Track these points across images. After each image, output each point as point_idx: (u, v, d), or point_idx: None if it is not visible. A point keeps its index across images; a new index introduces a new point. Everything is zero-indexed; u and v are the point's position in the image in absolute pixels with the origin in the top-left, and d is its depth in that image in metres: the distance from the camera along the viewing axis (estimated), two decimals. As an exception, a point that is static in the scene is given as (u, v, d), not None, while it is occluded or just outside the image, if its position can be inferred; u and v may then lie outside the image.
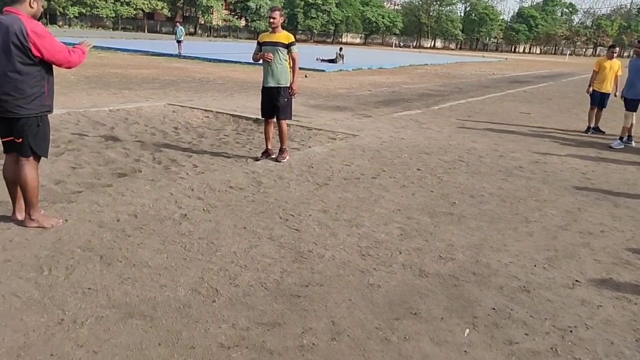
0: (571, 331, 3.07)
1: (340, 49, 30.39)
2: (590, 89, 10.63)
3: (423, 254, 4.02)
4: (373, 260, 3.86)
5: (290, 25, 76.41)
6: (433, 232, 4.51)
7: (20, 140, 3.87)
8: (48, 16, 62.56)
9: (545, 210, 5.30)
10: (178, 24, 27.38)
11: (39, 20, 3.92)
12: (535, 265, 3.95)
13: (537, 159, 7.68)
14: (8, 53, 3.67)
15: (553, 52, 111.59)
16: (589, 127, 10.57)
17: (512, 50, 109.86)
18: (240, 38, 77.66)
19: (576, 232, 4.73)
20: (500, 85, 21.70)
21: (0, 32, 3.70)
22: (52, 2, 60.68)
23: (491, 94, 17.54)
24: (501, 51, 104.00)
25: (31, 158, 3.95)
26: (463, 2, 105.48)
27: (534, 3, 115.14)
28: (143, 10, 71.93)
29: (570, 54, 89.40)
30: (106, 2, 67.02)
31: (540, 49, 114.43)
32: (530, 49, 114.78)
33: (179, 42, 25.38)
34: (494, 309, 3.26)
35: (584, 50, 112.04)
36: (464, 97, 15.91)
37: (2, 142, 4.02)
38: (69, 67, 3.92)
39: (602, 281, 3.75)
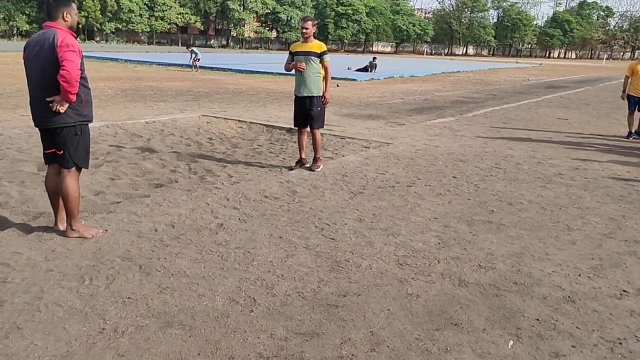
0: (620, 343, 2.95)
1: (374, 58, 30.34)
2: (624, 95, 10.37)
3: (462, 263, 3.94)
4: (411, 270, 3.79)
5: (321, 35, 76.72)
6: (471, 240, 4.42)
7: (62, 152, 3.97)
8: (86, 32, 64.45)
9: (588, 218, 5.14)
10: (194, 48, 27.75)
11: (77, 35, 4.01)
12: (579, 275, 3.82)
13: (577, 166, 7.48)
14: (45, 66, 3.79)
15: (589, 56, 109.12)
16: (630, 133, 10.26)
17: (547, 55, 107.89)
18: (272, 49, 78.42)
19: (621, 241, 4.56)
20: (535, 91, 21.30)
21: (38, 46, 3.83)
22: (90, 19, 62.50)
23: (526, 100, 17.22)
24: (535, 57, 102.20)
25: (73, 169, 4.04)
26: (495, 8, 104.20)
27: (569, 7, 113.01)
28: (177, 25, 73.41)
29: (607, 58, 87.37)
30: (141, 17, 68.64)
31: (576, 54, 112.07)
32: (565, 54, 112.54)
33: (198, 59, 25.57)
34: (538, 319, 3.16)
35: (622, 54, 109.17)
36: (499, 104, 15.66)
37: (45, 154, 4.13)
38: (64, 80, 3.69)
39: (652, 291, 3.60)
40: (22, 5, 62.65)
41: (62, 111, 3.83)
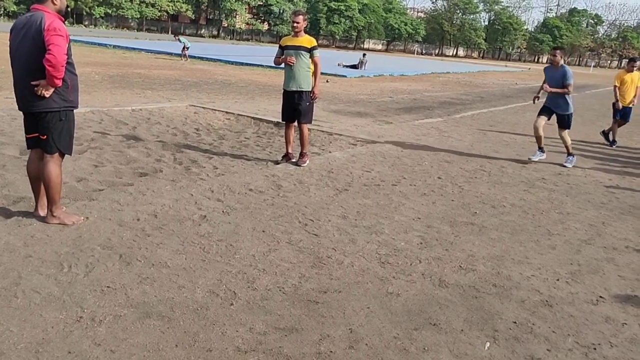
0: (595, 348, 2.99)
1: (364, 55, 30.36)
2: (619, 104, 10.50)
3: (443, 264, 3.96)
4: (392, 269, 3.81)
5: (313, 30, 76.57)
6: (453, 241, 4.45)
7: (45, 136, 3.91)
8: (74, 16, 63.59)
9: (569, 224, 5.20)
10: (181, 37, 27.53)
11: (65, 18, 3.95)
12: (558, 280, 3.86)
13: (560, 171, 7.56)
14: (31, 50, 3.74)
15: (577, 63, 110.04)
16: (613, 140, 10.39)
17: (536, 60, 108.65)
18: (263, 42, 78.08)
19: (600, 247, 4.63)
20: (523, 95, 21.47)
21: (25, 29, 3.76)
22: (78, 2, 61.64)
23: (514, 103, 17.36)
24: (524, 61, 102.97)
25: (56, 155, 3.99)
26: (487, 11, 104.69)
27: (559, 14, 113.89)
28: (168, 12, 72.68)
29: (594, 66, 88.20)
30: (132, 3, 67.86)
31: (564, 60, 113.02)
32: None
33: (187, 48, 25.19)
34: (515, 322, 3.19)
35: (609, 62, 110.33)
36: (486, 107, 15.77)
37: (27, 138, 4.07)
38: (50, 65, 3.62)
39: (627, 298, 3.66)
40: (10, -14, 61.58)
41: (47, 96, 3.78)
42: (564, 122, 7.96)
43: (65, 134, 4.00)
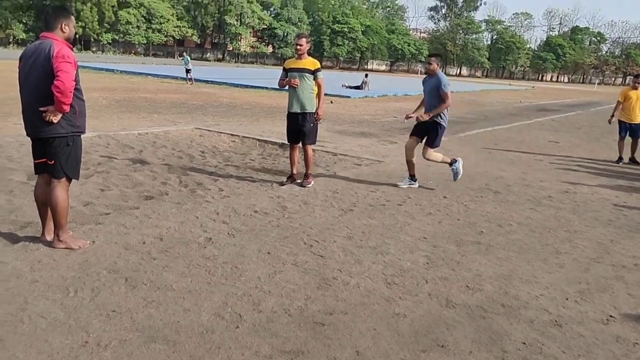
0: (606, 369, 2.94)
1: (366, 75, 30.59)
2: (613, 119, 10.50)
3: (450, 284, 3.94)
4: (399, 289, 3.79)
5: (317, 52, 77.40)
6: (460, 261, 4.43)
7: (53, 161, 3.95)
8: (82, 42, 64.56)
9: (576, 242, 5.16)
10: (184, 53, 27.71)
11: (73, 45, 4.02)
12: (566, 299, 3.82)
13: (566, 189, 7.53)
14: (40, 76, 3.80)
15: (581, 81, 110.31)
16: (619, 158, 10.36)
17: (540, 78, 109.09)
18: (267, 64, 78.88)
19: (609, 265, 4.58)
20: (527, 113, 21.51)
21: (34, 56, 3.83)
22: (87, 29, 62.68)
23: (518, 122, 17.38)
24: (528, 79, 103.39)
25: (63, 180, 4.02)
26: (489, 30, 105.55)
27: (562, 32, 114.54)
28: (173, 37, 73.80)
29: (599, 83, 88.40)
30: (138, 29, 69.00)
31: (568, 78, 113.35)
32: (557, 77, 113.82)
33: (187, 71, 25.32)
34: (524, 343, 3.16)
35: (613, 79, 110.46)
36: (491, 125, 15.79)
37: (35, 163, 4.11)
38: (58, 91, 3.69)
39: (638, 317, 3.61)
40: (19, 14, 62.81)
41: (55, 121, 3.83)
42: (432, 138, 6.94)
43: (73, 159, 4.04)
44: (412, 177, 7.14)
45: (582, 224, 5.82)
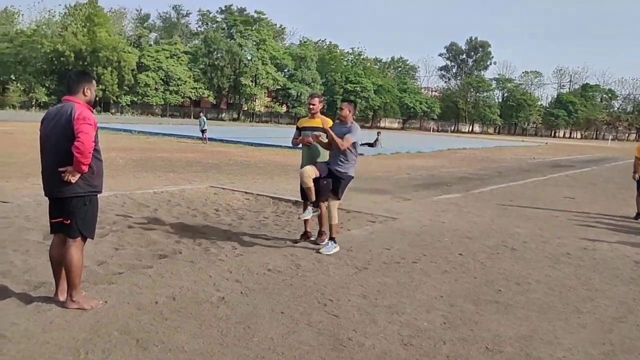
0: None
1: (378, 133, 30.99)
2: (637, 176, 10.42)
3: (469, 345, 3.82)
4: (416, 351, 3.68)
5: (330, 111, 78.51)
6: (478, 321, 4.31)
7: (69, 221, 4.00)
8: (102, 104, 66.53)
9: (598, 301, 5.02)
10: (201, 114, 28.49)
11: (93, 107, 4.15)
12: (591, 361, 3.68)
13: (585, 246, 7.39)
14: (61, 137, 3.91)
15: (594, 137, 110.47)
16: (638, 214, 10.20)
17: (552, 135, 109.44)
18: (281, 123, 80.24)
19: (633, 325, 4.43)
20: (541, 169, 21.46)
21: (56, 119, 3.96)
22: (107, 92, 64.73)
23: (532, 178, 17.32)
24: (540, 136, 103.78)
25: (78, 239, 4.05)
26: (500, 88, 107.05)
27: (572, 89, 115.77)
28: (190, 98, 75.82)
29: (612, 139, 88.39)
30: (156, 91, 71.10)
31: (581, 134, 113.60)
32: (570, 133, 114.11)
33: (203, 131, 26.10)
34: (548, 408, 3.02)
35: (627, 135, 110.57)
36: (505, 181, 15.74)
37: (51, 223, 4.16)
38: (78, 151, 3.80)
39: (667, 380, 3.45)
40: (42, 78, 65.23)
41: (73, 181, 3.90)
42: (337, 187, 6.43)
43: (89, 219, 4.08)
44: (315, 204, 6.45)
45: (603, 282, 5.67)
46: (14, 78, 63.36)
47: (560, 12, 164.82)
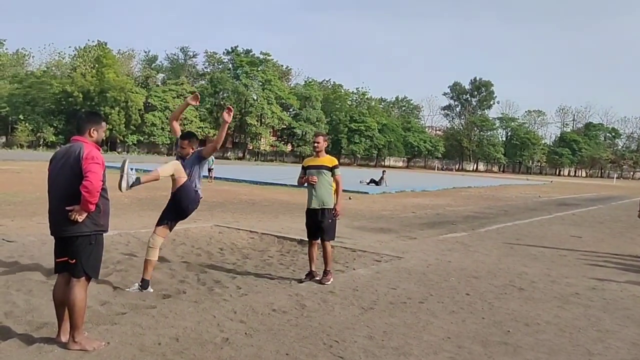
0: None
1: (383, 171, 31.10)
2: None
3: (478, 389, 3.72)
4: (423, 394, 3.59)
5: (335, 149, 79.34)
6: (487, 363, 4.21)
7: (74, 260, 3.99)
8: (109, 144, 67.28)
9: (609, 342, 4.91)
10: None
11: (100, 146, 4.20)
12: (604, 405, 3.57)
13: (594, 285, 7.29)
14: (68, 177, 3.95)
15: (599, 175, 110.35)
16: (646, 252, 10.10)
17: (557, 173, 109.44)
18: (286, 162, 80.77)
19: (647, 367, 4.32)
20: (547, 207, 21.37)
21: (65, 158, 4.01)
22: (113, 131, 65.55)
23: (538, 216, 17.22)
24: (545, 174, 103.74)
25: (82, 279, 4.03)
26: (503, 127, 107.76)
27: (576, 128, 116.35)
28: (196, 137, 76.61)
29: (617, 177, 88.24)
30: (163, 130, 71.94)
31: (586, 172, 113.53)
32: (575, 172, 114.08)
33: (209, 170, 26.49)
34: None
35: (632, 173, 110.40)
36: (511, 220, 15.66)
37: (56, 262, 4.15)
38: (86, 190, 3.83)
39: None
40: (50, 118, 66.22)
41: (80, 220, 3.92)
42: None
43: (94, 258, 4.08)
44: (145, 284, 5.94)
45: (613, 322, 5.56)
46: (22, 118, 64.34)
47: (561, 52, 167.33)
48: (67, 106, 65.52)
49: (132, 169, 5.04)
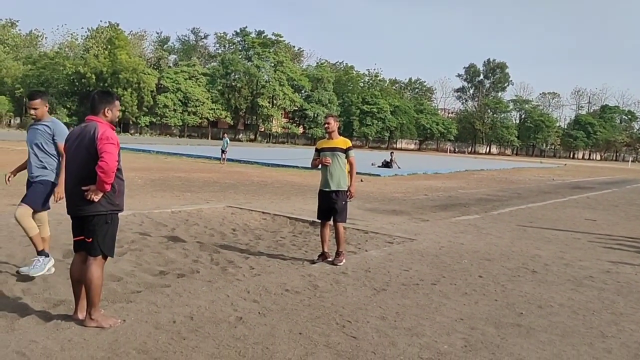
0: None
1: (391, 153, 30.98)
2: None
3: (490, 369, 3.73)
4: (436, 374, 3.60)
5: (346, 132, 79.00)
6: (500, 344, 4.22)
7: (91, 239, 4.03)
8: (122, 125, 67.60)
9: (623, 325, 4.89)
10: (225, 135, 28.94)
11: (115, 127, 4.21)
12: (618, 387, 3.57)
13: (608, 268, 7.24)
14: (84, 157, 3.97)
15: (614, 158, 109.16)
16: (662, 235, 10.01)
17: (571, 156, 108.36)
18: (298, 144, 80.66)
19: (661, 351, 4.30)
20: (561, 191, 21.19)
21: (80, 138, 4.02)
22: (126, 113, 65.80)
23: (552, 199, 17.09)
24: (559, 157, 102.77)
25: (99, 257, 4.08)
26: (517, 109, 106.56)
27: (591, 110, 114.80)
28: (208, 119, 76.70)
29: (632, 161, 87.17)
30: (175, 112, 72.11)
31: (600, 156, 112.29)
32: (589, 155, 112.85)
33: (223, 151, 26.55)
34: None
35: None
36: (524, 203, 15.56)
37: (74, 241, 4.20)
38: (101, 171, 3.84)
39: (699, 409, 3.33)
40: (64, 99, 66.57)
41: (96, 200, 3.95)
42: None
43: (110, 237, 4.12)
44: (43, 253, 5.39)
45: (627, 305, 5.53)
46: (36, 99, 64.65)
47: (578, 33, 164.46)
48: (80, 87, 65.81)
49: None
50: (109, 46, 68.49)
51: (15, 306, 4.48)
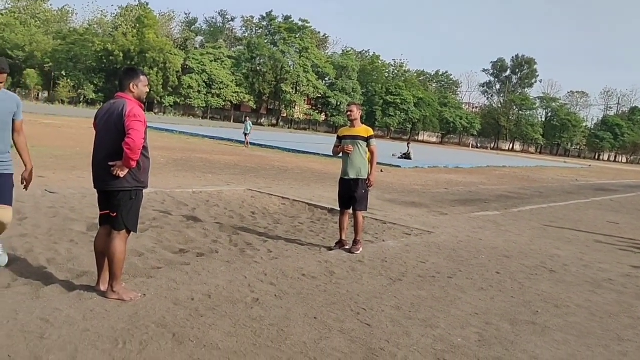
0: None
1: (408, 144, 30.78)
2: None
3: (503, 365, 3.74)
4: (449, 366, 3.62)
5: (369, 121, 78.53)
6: (514, 341, 4.22)
7: (115, 214, 4.12)
8: (147, 104, 68.24)
9: (641, 329, 4.84)
10: (248, 119, 29.04)
11: (143, 103, 4.28)
12: (631, 390, 3.55)
13: (628, 272, 7.15)
14: (112, 133, 4.04)
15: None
16: (685, 242, 9.83)
17: (596, 157, 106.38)
18: (320, 131, 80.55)
19: (678, 357, 4.26)
20: (584, 192, 20.89)
21: (108, 114, 4.10)
22: (151, 92, 66.39)
23: (575, 200, 16.87)
24: (584, 158, 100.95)
25: (123, 232, 4.17)
26: (544, 107, 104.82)
27: (620, 112, 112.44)
28: (231, 102, 77.04)
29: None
30: (199, 93, 72.52)
31: (627, 158, 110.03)
32: (615, 157, 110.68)
33: (246, 134, 26.63)
34: None
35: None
36: (546, 202, 15.39)
37: (100, 215, 4.30)
38: (128, 148, 3.89)
39: None
40: (91, 76, 67.35)
41: (121, 176, 4.03)
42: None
43: (134, 213, 4.20)
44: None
45: (646, 310, 5.47)
46: (64, 74, 65.63)
47: (609, 33, 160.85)
48: (108, 64, 66.49)
49: None
50: (138, 25, 68.96)
51: (40, 275, 4.61)
